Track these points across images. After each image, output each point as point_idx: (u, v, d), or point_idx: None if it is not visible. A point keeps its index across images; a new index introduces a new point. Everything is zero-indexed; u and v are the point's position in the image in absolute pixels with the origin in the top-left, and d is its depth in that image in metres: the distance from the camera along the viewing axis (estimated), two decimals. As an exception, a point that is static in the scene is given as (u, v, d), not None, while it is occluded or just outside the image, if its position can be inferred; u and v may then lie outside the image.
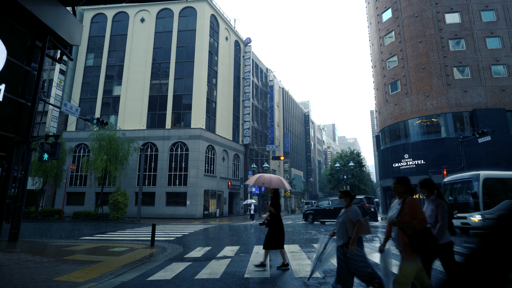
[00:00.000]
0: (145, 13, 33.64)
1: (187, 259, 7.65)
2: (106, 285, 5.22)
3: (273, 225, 6.43)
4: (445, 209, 3.70)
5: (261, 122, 45.87)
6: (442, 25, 28.56)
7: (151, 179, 29.30)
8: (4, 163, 7.72)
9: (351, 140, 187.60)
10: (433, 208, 3.75)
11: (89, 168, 25.29)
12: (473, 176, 12.48)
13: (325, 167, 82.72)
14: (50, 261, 7.18)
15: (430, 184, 3.87)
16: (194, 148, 29.17)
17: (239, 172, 37.66)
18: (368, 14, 38.29)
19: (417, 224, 3.23)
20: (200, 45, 31.84)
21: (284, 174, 53.27)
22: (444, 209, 3.69)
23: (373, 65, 36.01)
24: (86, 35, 33.81)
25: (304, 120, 71.80)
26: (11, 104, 7.42)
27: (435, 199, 3.80)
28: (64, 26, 8.66)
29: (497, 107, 26.08)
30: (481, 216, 11.50)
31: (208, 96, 32.08)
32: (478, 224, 11.53)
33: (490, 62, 27.05)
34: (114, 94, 32.35)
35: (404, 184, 3.51)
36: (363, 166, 39.39)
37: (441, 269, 3.89)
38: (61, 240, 11.44)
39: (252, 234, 14.20)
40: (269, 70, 51.71)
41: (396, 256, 3.90)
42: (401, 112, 29.79)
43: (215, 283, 5.31)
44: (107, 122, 17.11)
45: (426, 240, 3.20)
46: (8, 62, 7.11)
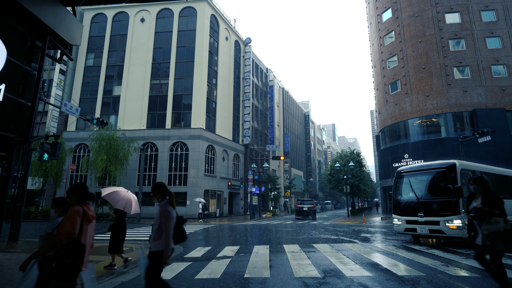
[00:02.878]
0: (145, 13, 33.64)
1: (187, 259, 7.66)
2: (106, 285, 5.23)
3: (115, 230, 6.71)
4: (169, 216, 3.40)
5: (261, 122, 45.86)
6: (442, 25, 28.56)
7: (151, 179, 29.30)
8: (4, 163, 7.72)
9: (351, 140, 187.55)
10: (158, 216, 3.47)
11: (89, 168, 25.28)
12: (447, 166, 9.61)
13: (325, 167, 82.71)
14: (50, 261, 7.16)
15: (163, 188, 3.59)
16: (194, 148, 29.17)
17: (239, 172, 37.66)
18: (368, 14, 38.28)
19: (59, 239, 2.75)
20: (200, 45, 31.84)
21: (284, 174, 53.28)
22: (168, 217, 3.39)
23: (373, 65, 36.00)
24: (86, 35, 33.81)
25: (304, 120, 71.79)
26: (11, 104, 7.42)
27: (164, 205, 3.52)
28: (64, 26, 8.66)
29: (497, 107, 26.08)
30: (462, 221, 8.55)
31: (208, 96, 32.07)
32: (456, 233, 8.62)
33: (490, 62, 27.04)
34: (114, 94, 32.35)
35: (74, 194, 2.99)
36: (363, 166, 39.34)
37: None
38: (61, 240, 11.42)
39: (252, 234, 14.20)
40: (269, 70, 51.71)
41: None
42: (401, 112, 29.78)
43: (215, 283, 5.31)
44: (107, 122, 17.11)
45: (68, 257, 2.72)
46: (8, 62, 7.11)
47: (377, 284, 5.07)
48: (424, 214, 9.31)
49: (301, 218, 27.08)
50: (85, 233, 2.89)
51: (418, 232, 9.45)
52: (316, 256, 7.74)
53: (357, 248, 8.97)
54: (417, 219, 9.47)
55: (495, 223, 3.89)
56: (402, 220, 10.02)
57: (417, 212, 9.47)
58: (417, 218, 9.46)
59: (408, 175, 10.69)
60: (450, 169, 9.55)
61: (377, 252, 8.26)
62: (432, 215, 9.15)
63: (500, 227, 3.87)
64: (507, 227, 3.88)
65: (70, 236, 2.74)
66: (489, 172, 10.99)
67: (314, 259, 7.33)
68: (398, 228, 10.16)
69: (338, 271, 6.01)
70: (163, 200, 3.58)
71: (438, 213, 9.04)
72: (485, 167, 11.10)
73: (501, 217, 3.95)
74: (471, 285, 4.94)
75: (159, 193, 3.58)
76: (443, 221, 8.89)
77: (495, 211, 3.99)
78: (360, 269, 6.15)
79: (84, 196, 3.02)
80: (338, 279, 5.43)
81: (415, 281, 5.19)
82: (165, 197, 3.60)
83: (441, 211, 9.00)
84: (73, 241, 2.75)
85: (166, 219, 3.41)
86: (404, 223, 9.91)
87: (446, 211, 8.92)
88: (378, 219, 26.13)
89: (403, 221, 9.97)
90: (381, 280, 5.32)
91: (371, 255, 7.84)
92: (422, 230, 9.33)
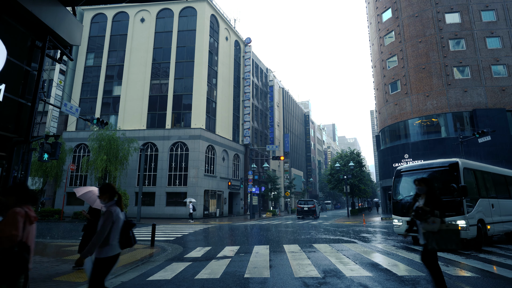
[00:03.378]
0: (145, 13, 33.64)
1: (187, 259, 7.65)
2: (106, 285, 5.22)
3: (90, 229, 6.57)
4: (109, 217, 3.26)
5: (261, 122, 45.87)
6: (442, 25, 28.56)
7: (151, 179, 29.30)
8: (4, 163, 7.72)
9: (351, 140, 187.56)
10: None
11: (89, 168, 25.28)
12: (450, 164, 9.27)
13: (325, 167, 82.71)
14: (50, 261, 7.18)
15: (110, 189, 3.47)
16: (194, 148, 29.17)
17: (239, 172, 37.66)
18: (368, 14, 38.29)
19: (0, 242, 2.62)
20: (200, 45, 31.84)
21: (284, 174, 53.28)
22: (108, 217, 3.25)
23: (373, 65, 36.01)
24: (86, 35, 33.81)
25: (304, 120, 71.79)
26: (11, 104, 7.43)
27: (110, 206, 3.39)
28: (64, 26, 8.66)
29: (497, 107, 26.08)
30: (466, 222, 8.34)
31: (208, 96, 32.08)
32: (461, 234, 8.17)
33: (490, 62, 27.05)
34: (114, 94, 32.35)
35: (12, 195, 2.86)
36: (363, 166, 39.36)
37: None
38: (61, 240, 11.44)
39: (252, 234, 14.20)
40: (269, 70, 51.71)
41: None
42: (401, 112, 29.78)
43: (215, 283, 5.31)
44: (107, 122, 17.11)
45: (9, 263, 2.58)
46: (8, 62, 7.11)
47: (377, 284, 5.07)
48: None
49: (302, 218, 28.67)
50: (28, 235, 2.85)
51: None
52: (316, 256, 7.74)
53: (357, 248, 8.97)
54: None
55: (432, 223, 4.05)
56: (402, 221, 9.81)
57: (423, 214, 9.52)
58: None
59: (408, 174, 10.27)
60: (452, 167, 9.17)
61: (377, 252, 8.26)
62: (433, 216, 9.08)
63: (435, 227, 4.03)
64: (441, 227, 4.04)
65: (13, 239, 2.64)
66: (491, 171, 10.86)
67: (314, 259, 7.33)
68: (398, 229, 9.95)
69: (338, 271, 6.01)
70: (110, 201, 3.47)
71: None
72: (487, 167, 10.95)
73: (440, 217, 4.10)
74: (471, 285, 4.95)
75: (106, 194, 3.46)
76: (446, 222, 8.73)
77: (435, 211, 4.12)
78: (360, 269, 6.15)
79: (25, 198, 2.90)
80: (338, 279, 5.43)
81: (415, 281, 5.19)
82: (113, 198, 3.50)
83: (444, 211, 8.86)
84: (18, 243, 2.68)
85: (105, 220, 3.26)
86: (405, 224, 9.60)
87: (449, 212, 8.53)
88: (378, 219, 26.13)
89: (403, 222, 9.72)
90: (381, 280, 5.32)
91: (371, 255, 7.84)
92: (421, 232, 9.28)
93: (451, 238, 4.04)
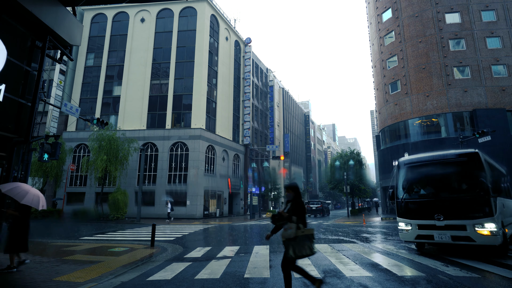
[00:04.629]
0: (145, 13, 33.64)
1: (187, 259, 7.66)
2: (106, 285, 5.23)
3: (17, 227, 6.13)
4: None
5: (261, 122, 45.87)
6: (442, 25, 28.57)
7: (151, 179, 29.30)
8: (4, 163, 7.72)
9: (351, 140, 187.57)
10: None
11: (89, 168, 25.28)
12: (468, 155, 7.81)
13: (325, 167, 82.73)
14: (50, 261, 7.18)
15: None
16: (194, 148, 29.17)
17: (239, 172, 37.66)
18: (368, 14, 38.29)
19: None
20: (200, 45, 31.84)
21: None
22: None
23: (373, 65, 36.01)
24: (86, 35, 33.81)
25: (304, 120, 71.80)
26: (11, 104, 7.42)
27: None
28: (64, 26, 8.67)
29: (497, 107, 26.08)
30: (496, 225, 6.85)
31: (208, 96, 32.08)
32: (489, 240, 6.83)
33: (490, 62, 27.05)
34: (114, 94, 32.36)
35: None
36: (363, 166, 39.37)
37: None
38: (61, 240, 11.44)
39: (252, 234, 14.20)
40: (269, 70, 51.71)
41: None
42: (401, 112, 29.79)
43: (215, 283, 5.31)
44: (107, 122, 17.11)
45: None
46: (8, 62, 7.11)
47: (377, 284, 5.07)
48: (444, 217, 7.27)
49: (309, 215, 32.50)
50: None
51: (436, 240, 7.33)
52: (316, 256, 7.74)
53: (357, 248, 8.97)
54: (434, 223, 7.40)
55: (289, 229, 3.92)
56: (412, 225, 7.85)
57: (434, 214, 7.41)
58: (434, 222, 7.38)
59: (415, 167, 8.53)
60: (472, 159, 7.66)
61: (377, 252, 8.26)
62: (456, 217, 7.17)
63: (291, 233, 3.88)
64: (297, 234, 3.89)
65: None
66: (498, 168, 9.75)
67: (314, 259, 7.33)
68: (406, 235, 7.98)
69: (338, 271, 6.01)
70: None
71: (463, 215, 7.14)
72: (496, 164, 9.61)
73: (296, 223, 3.93)
74: (471, 285, 4.94)
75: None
76: (471, 225, 6.98)
77: (292, 217, 3.98)
78: (360, 269, 6.15)
79: None
80: (338, 279, 5.43)
81: (415, 281, 5.19)
82: None
83: (468, 212, 7.12)
84: None
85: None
86: (415, 229, 7.77)
87: (475, 212, 7.07)
88: (378, 219, 26.14)
89: (413, 226, 7.80)
90: (381, 280, 5.32)
91: (371, 255, 7.84)
92: (442, 237, 7.23)
93: (305, 243, 3.88)
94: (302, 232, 3.90)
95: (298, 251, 3.86)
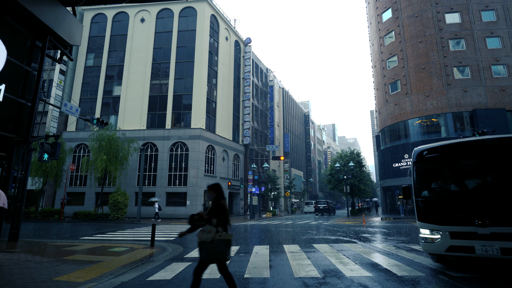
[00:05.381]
0: (145, 13, 33.65)
1: (187, 259, 7.65)
2: (106, 285, 5.22)
3: None
4: None
5: (261, 122, 45.87)
6: (442, 25, 28.57)
7: (151, 179, 29.30)
8: (4, 163, 7.72)
9: (351, 140, 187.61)
10: None
11: (89, 168, 25.28)
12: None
13: (325, 167, 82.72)
14: (50, 261, 7.18)
15: None
16: (194, 148, 29.17)
17: (239, 172, 37.66)
18: (368, 14, 38.29)
19: None
20: (200, 45, 31.85)
21: (284, 174, 53.27)
22: None
23: (373, 65, 36.01)
24: (86, 35, 33.81)
25: (304, 120, 71.81)
26: (11, 104, 7.42)
27: None
28: (64, 26, 8.66)
29: (497, 107, 26.08)
30: None
31: (208, 96, 32.08)
32: None
33: (490, 62, 27.05)
34: (114, 94, 32.36)
35: None
36: (363, 166, 39.39)
37: None
38: (61, 240, 11.44)
39: (252, 234, 14.20)
40: (269, 70, 51.71)
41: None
42: (401, 112, 29.79)
43: (215, 283, 5.31)
44: (107, 122, 17.11)
45: None
46: (8, 62, 7.11)
47: (377, 284, 5.07)
48: (490, 222, 5.37)
49: (317, 213, 38.28)
50: None
51: (478, 253, 5.42)
52: (316, 256, 7.74)
53: (357, 248, 8.97)
54: (474, 230, 5.51)
55: (208, 233, 3.72)
56: (442, 233, 5.88)
57: (473, 219, 5.53)
58: (475, 228, 5.49)
59: (441, 156, 6.56)
60: None
61: (377, 252, 8.26)
62: (507, 223, 5.30)
63: (209, 237, 3.70)
64: (215, 237, 3.71)
65: None
66: None
67: (314, 259, 7.33)
68: (432, 246, 6.01)
69: (338, 271, 6.01)
70: None
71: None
72: None
73: (216, 226, 3.75)
74: (471, 285, 4.94)
75: None
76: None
77: (212, 220, 3.80)
78: (360, 269, 6.15)
79: None
80: (338, 279, 5.43)
81: (415, 281, 5.19)
82: None
83: None
84: None
85: None
86: (446, 238, 5.81)
87: None
88: (378, 219, 26.14)
89: (443, 234, 5.85)
90: (381, 280, 5.32)
91: (371, 255, 7.84)
92: (487, 249, 5.34)
93: (220, 249, 3.70)
94: (220, 237, 3.71)
95: (211, 255, 3.68)
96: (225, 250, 3.74)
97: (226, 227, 3.89)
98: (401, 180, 28.83)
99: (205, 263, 3.75)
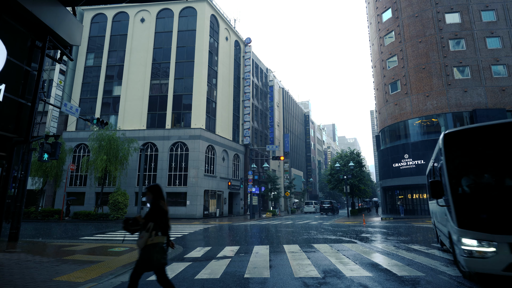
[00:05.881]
0: (145, 13, 33.64)
1: (187, 259, 7.66)
2: (106, 285, 5.22)
3: None
4: None
5: (261, 122, 45.87)
6: (442, 25, 28.57)
7: (151, 179, 29.30)
8: (4, 163, 7.72)
9: (351, 140, 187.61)
10: None
11: (89, 168, 25.28)
12: None
13: (325, 167, 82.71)
14: (50, 261, 7.18)
15: None
16: (194, 148, 29.17)
17: (239, 172, 37.66)
18: (368, 14, 38.29)
19: None
20: (200, 45, 31.84)
21: (284, 174, 53.28)
22: None
23: (373, 65, 36.01)
24: (86, 35, 33.81)
25: (304, 120, 71.82)
26: (11, 104, 7.42)
27: None
28: (64, 26, 8.66)
29: (497, 107, 26.08)
30: None
31: (208, 96, 32.08)
32: None
33: (490, 62, 27.05)
34: (114, 94, 32.35)
35: None
36: (363, 166, 39.39)
37: None
38: (61, 240, 11.44)
39: (252, 234, 14.20)
40: (269, 70, 51.71)
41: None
42: (401, 112, 29.79)
43: (215, 283, 5.31)
44: (107, 122, 17.11)
45: None
46: (8, 62, 7.11)
47: (377, 284, 5.07)
48: None
49: (322, 212, 41.15)
50: None
51: None
52: (316, 256, 7.75)
53: (357, 248, 8.97)
54: None
55: (140, 238, 3.41)
56: (498, 244, 4.32)
57: None
58: None
59: (492, 140, 4.90)
60: None
61: (377, 252, 8.26)
62: None
63: (141, 243, 3.41)
64: (147, 243, 3.40)
65: None
66: None
67: (314, 259, 7.33)
68: (481, 263, 4.46)
69: (338, 271, 6.01)
70: None
71: None
72: None
73: (151, 231, 3.42)
74: (471, 285, 4.94)
75: None
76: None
77: (148, 224, 3.46)
78: (360, 269, 6.15)
79: None
80: (338, 279, 5.43)
81: (415, 281, 5.19)
82: None
83: None
84: None
85: None
86: (504, 252, 4.26)
87: None
88: (378, 219, 26.14)
89: (500, 247, 4.30)
90: (381, 280, 5.32)
91: (371, 255, 7.84)
92: None
93: (153, 254, 3.37)
94: (152, 241, 3.40)
95: (144, 261, 3.39)
96: (158, 256, 3.40)
97: (166, 231, 3.57)
98: (401, 180, 28.84)
99: (138, 272, 3.41)
